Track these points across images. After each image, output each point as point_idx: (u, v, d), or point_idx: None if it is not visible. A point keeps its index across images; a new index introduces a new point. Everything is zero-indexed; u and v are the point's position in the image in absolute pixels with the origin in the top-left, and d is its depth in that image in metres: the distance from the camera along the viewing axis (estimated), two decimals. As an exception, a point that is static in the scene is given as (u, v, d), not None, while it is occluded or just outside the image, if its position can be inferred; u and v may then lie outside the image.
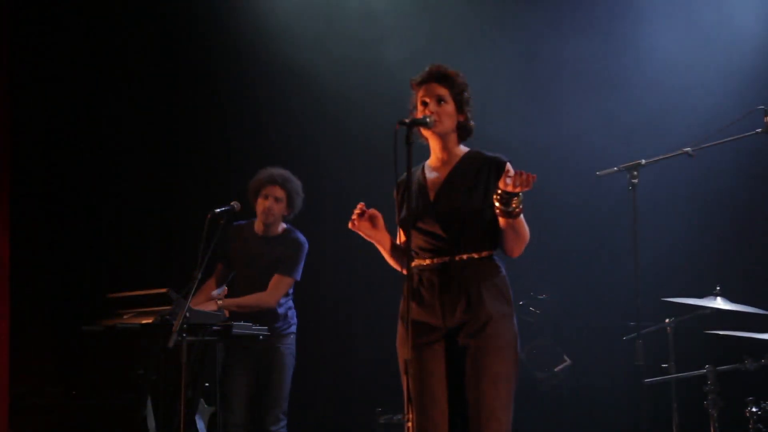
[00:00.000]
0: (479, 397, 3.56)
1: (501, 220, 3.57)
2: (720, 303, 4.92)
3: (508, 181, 3.43)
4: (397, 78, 5.11)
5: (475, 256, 3.66)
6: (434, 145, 3.82)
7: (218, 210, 5.19)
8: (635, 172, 4.89)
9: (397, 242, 3.86)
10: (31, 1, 6.60)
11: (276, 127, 6.96)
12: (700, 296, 5.04)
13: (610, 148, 5.99)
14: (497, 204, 3.52)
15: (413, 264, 3.72)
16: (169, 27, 6.94)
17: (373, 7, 6.75)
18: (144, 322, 4.94)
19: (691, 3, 6.33)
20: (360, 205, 3.75)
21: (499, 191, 3.49)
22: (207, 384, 5.50)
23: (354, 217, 3.73)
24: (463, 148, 3.84)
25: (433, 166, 3.84)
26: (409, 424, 3.41)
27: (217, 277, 5.58)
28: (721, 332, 4.87)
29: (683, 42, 6.29)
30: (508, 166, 3.72)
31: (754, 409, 4.82)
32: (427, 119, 3.68)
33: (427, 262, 3.71)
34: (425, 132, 3.76)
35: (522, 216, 3.57)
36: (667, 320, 5.26)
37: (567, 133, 6.44)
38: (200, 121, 7.00)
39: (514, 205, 3.49)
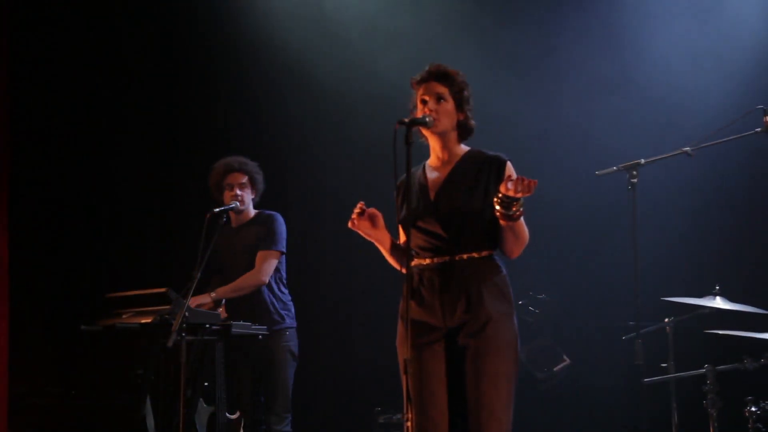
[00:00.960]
0: (479, 397, 3.56)
1: (501, 223, 3.57)
2: (719, 302, 4.92)
3: (510, 186, 3.42)
4: (397, 77, 5.11)
5: (476, 255, 3.66)
6: (434, 144, 3.82)
7: (218, 210, 5.20)
8: (634, 172, 4.89)
9: (398, 242, 3.86)
10: (31, 1, 6.60)
11: (276, 127, 6.96)
12: (700, 296, 5.03)
13: (609, 147, 5.99)
14: (498, 207, 3.50)
15: (413, 263, 3.72)
16: (169, 27, 6.94)
17: (375, 7, 6.75)
18: (143, 321, 4.94)
19: (692, 3, 6.33)
20: (360, 204, 3.75)
21: (500, 195, 3.48)
22: (206, 383, 5.49)
23: (354, 216, 3.74)
24: (463, 147, 3.84)
25: (433, 166, 3.84)
26: (408, 423, 3.41)
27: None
28: (720, 332, 4.86)
29: (683, 42, 6.29)
30: (509, 165, 3.73)
31: (753, 409, 4.81)
32: (426, 119, 3.68)
33: (428, 261, 3.71)
34: (425, 131, 3.77)
35: (522, 218, 3.57)
36: (666, 320, 5.26)
37: (567, 133, 6.45)
38: (200, 121, 7.00)
39: (514, 209, 3.48)
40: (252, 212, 5.61)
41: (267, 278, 5.40)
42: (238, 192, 5.49)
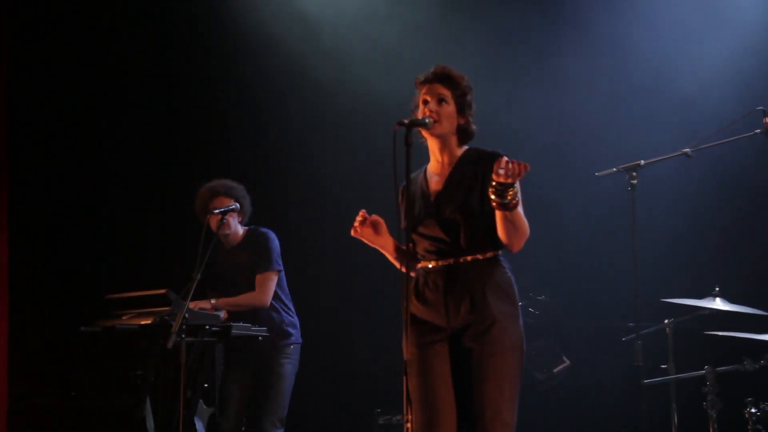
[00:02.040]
0: (484, 398, 3.55)
1: (498, 214, 3.53)
2: (719, 304, 4.91)
3: (500, 171, 3.38)
4: (398, 79, 5.11)
5: (480, 257, 3.64)
6: (433, 147, 3.80)
7: (218, 210, 5.19)
8: (634, 173, 4.89)
9: (403, 246, 3.84)
10: (31, 1, 6.60)
11: (276, 129, 6.96)
12: (700, 297, 5.03)
13: (609, 148, 5.99)
14: (493, 197, 3.46)
15: (419, 266, 3.71)
16: (169, 27, 6.93)
17: (377, 8, 6.75)
18: (143, 322, 4.94)
19: (692, 3, 6.33)
20: (362, 213, 3.74)
21: (494, 183, 3.44)
22: (206, 385, 5.50)
23: (356, 224, 3.72)
24: (462, 148, 3.82)
25: (433, 169, 3.82)
26: (409, 425, 3.40)
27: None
28: (720, 333, 4.86)
29: (683, 42, 6.29)
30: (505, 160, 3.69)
31: (753, 410, 4.81)
32: (426, 120, 3.66)
33: (432, 264, 3.70)
34: (425, 133, 3.75)
35: (521, 209, 3.54)
36: (666, 321, 5.26)
37: (567, 133, 6.45)
38: (200, 121, 7.00)
39: (509, 197, 3.43)
40: (240, 232, 5.50)
41: (269, 300, 5.33)
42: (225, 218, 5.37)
